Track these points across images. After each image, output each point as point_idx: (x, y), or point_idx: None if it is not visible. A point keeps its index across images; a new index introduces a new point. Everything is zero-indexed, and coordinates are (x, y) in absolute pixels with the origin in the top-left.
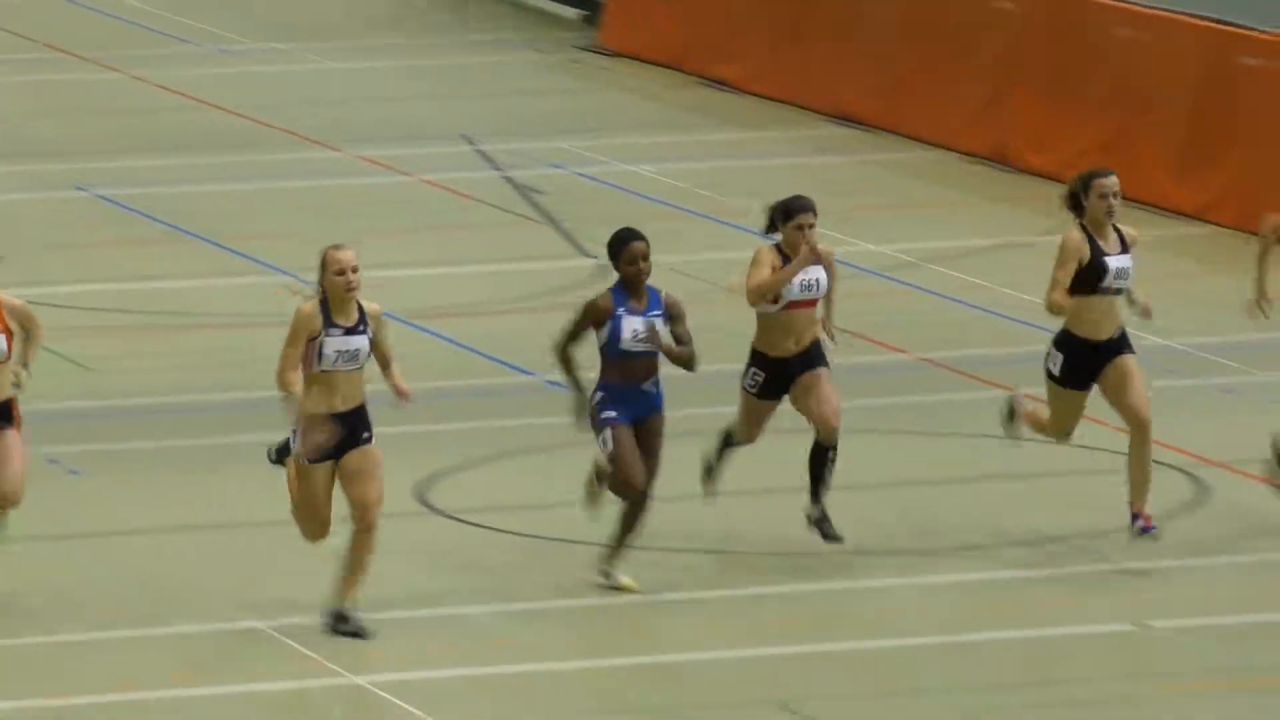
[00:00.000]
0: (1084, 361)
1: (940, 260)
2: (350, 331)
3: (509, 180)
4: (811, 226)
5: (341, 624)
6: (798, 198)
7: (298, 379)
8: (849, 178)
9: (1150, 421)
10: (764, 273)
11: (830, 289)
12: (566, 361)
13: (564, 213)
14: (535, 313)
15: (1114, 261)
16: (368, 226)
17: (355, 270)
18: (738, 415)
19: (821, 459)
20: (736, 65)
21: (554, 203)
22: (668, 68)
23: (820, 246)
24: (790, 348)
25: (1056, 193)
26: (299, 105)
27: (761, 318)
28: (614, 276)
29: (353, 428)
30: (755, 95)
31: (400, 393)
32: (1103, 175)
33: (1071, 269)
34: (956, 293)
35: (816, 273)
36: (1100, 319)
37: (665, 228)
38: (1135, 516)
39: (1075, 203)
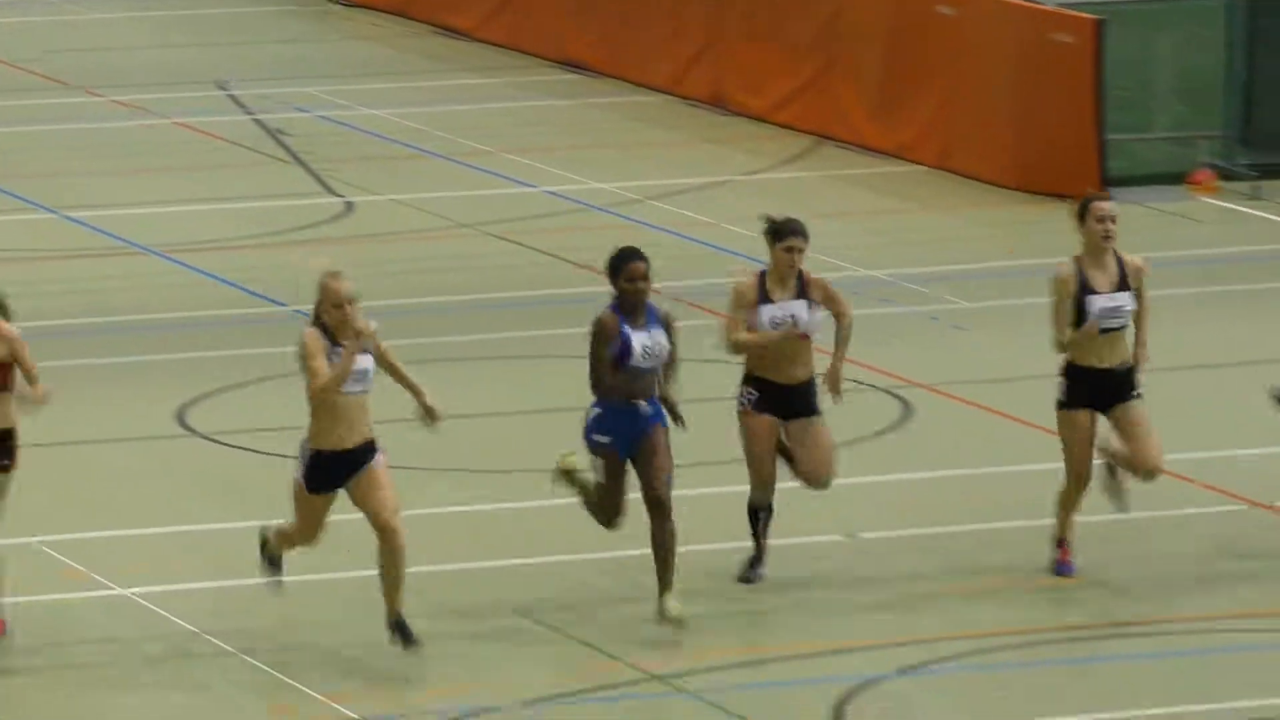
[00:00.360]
0: (1088, 387)
1: (660, 197)
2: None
3: (259, 123)
4: (801, 251)
5: (402, 633)
6: (790, 220)
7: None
8: (574, 120)
9: (1160, 469)
10: (739, 319)
11: (840, 333)
12: (602, 388)
13: (311, 153)
14: (285, 246)
15: (1101, 301)
16: (126, 166)
17: (353, 303)
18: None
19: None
20: (467, 14)
21: (301, 144)
22: (404, 17)
23: (815, 277)
24: (780, 376)
25: (766, 133)
26: (61, 53)
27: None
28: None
29: (361, 460)
30: (485, 43)
31: (430, 413)
32: (1100, 199)
33: (1068, 307)
34: (676, 227)
35: (793, 308)
36: (1100, 351)
37: (405, 167)
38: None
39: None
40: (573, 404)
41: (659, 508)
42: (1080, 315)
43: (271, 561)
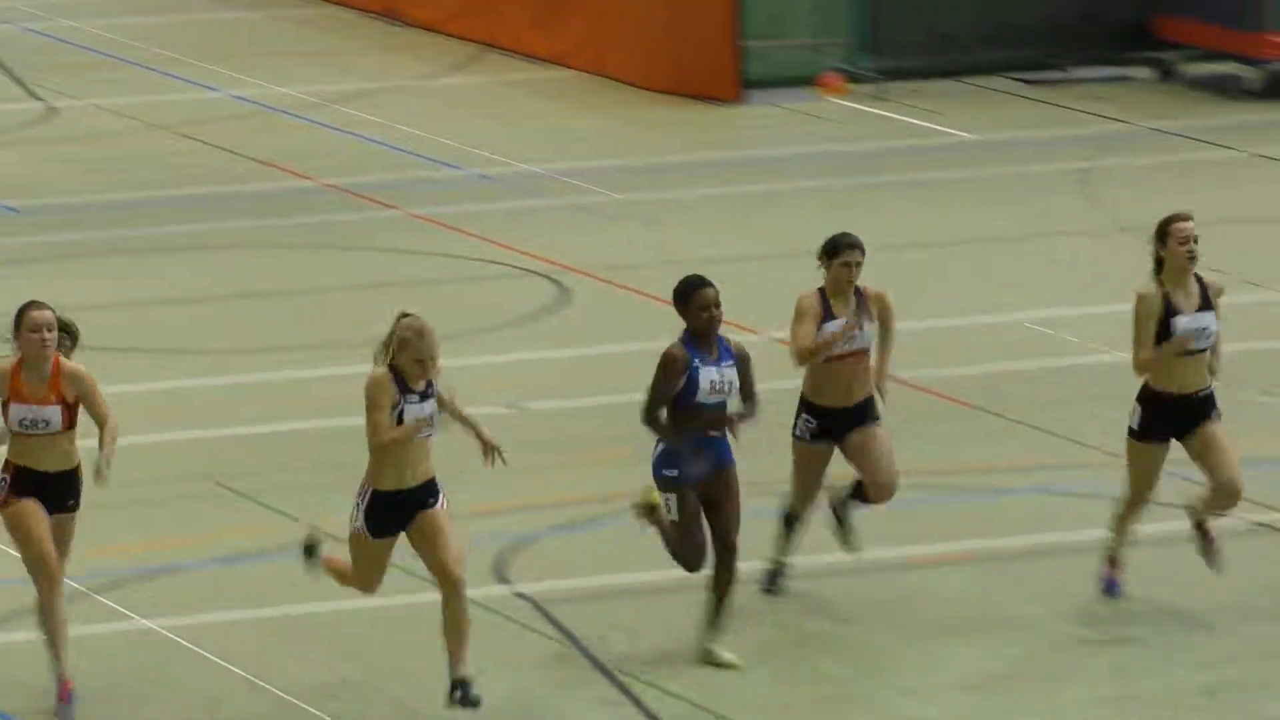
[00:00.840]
0: (1166, 415)
1: (336, 100)
2: (424, 397)
3: None
4: (859, 265)
5: (463, 691)
6: (845, 234)
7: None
8: (260, 31)
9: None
10: (808, 329)
11: (886, 340)
12: (656, 423)
13: (14, 62)
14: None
15: (1185, 321)
16: None
17: (435, 360)
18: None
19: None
20: None
21: (4, 53)
22: None
23: (874, 290)
24: (840, 399)
25: (436, 42)
26: None
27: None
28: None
29: (422, 500)
30: None
31: (487, 449)
32: (1181, 219)
33: (1151, 328)
34: (350, 127)
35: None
36: (1181, 376)
37: (103, 74)
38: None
39: (1158, 255)
40: (259, 289)
41: (727, 553)
42: (1165, 337)
43: (309, 554)
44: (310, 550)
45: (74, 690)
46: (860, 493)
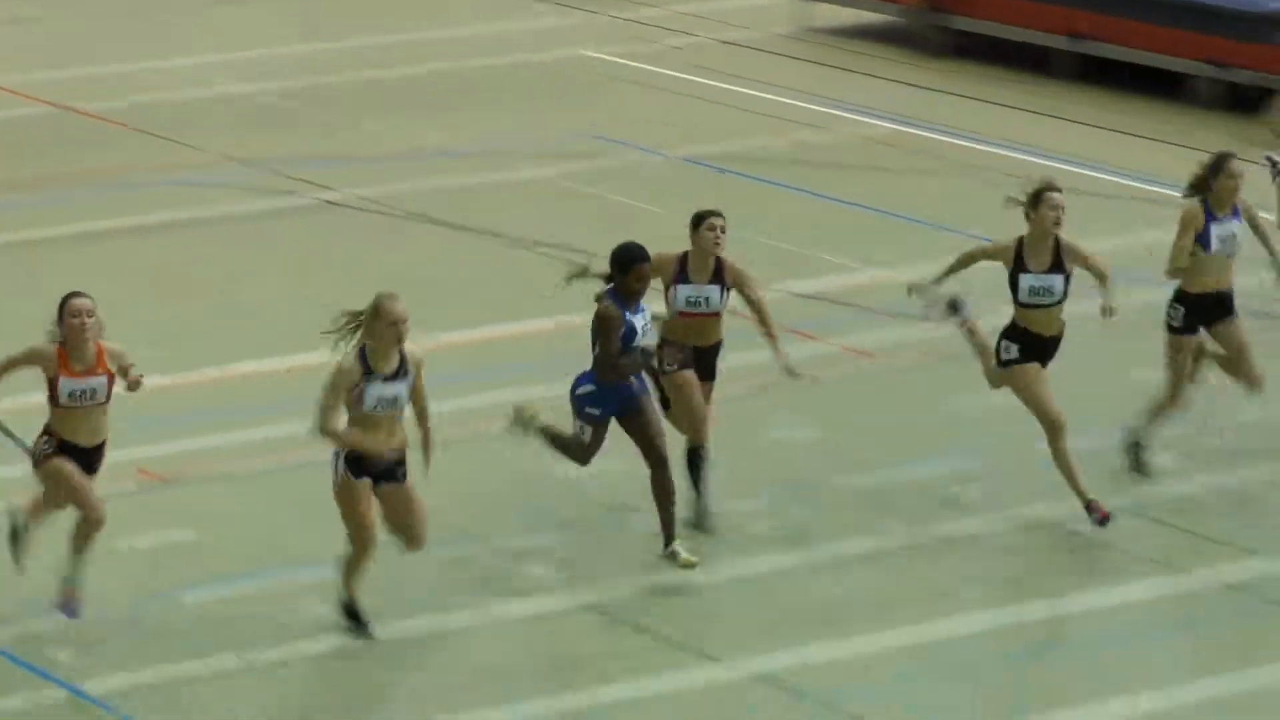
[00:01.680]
0: (1200, 311)
1: None
2: (391, 379)
3: None
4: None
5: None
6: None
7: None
8: None
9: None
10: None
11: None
12: (619, 368)
13: None
14: None
15: (1218, 229)
16: None
17: (405, 322)
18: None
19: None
20: None
21: None
22: None
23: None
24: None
25: None
26: None
27: None
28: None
29: (391, 472)
30: None
31: (427, 452)
32: (1230, 157)
33: (1189, 237)
34: None
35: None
36: (1213, 277)
37: None
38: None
39: (1203, 182)
40: None
41: (661, 464)
42: (1204, 246)
43: (351, 615)
44: (346, 608)
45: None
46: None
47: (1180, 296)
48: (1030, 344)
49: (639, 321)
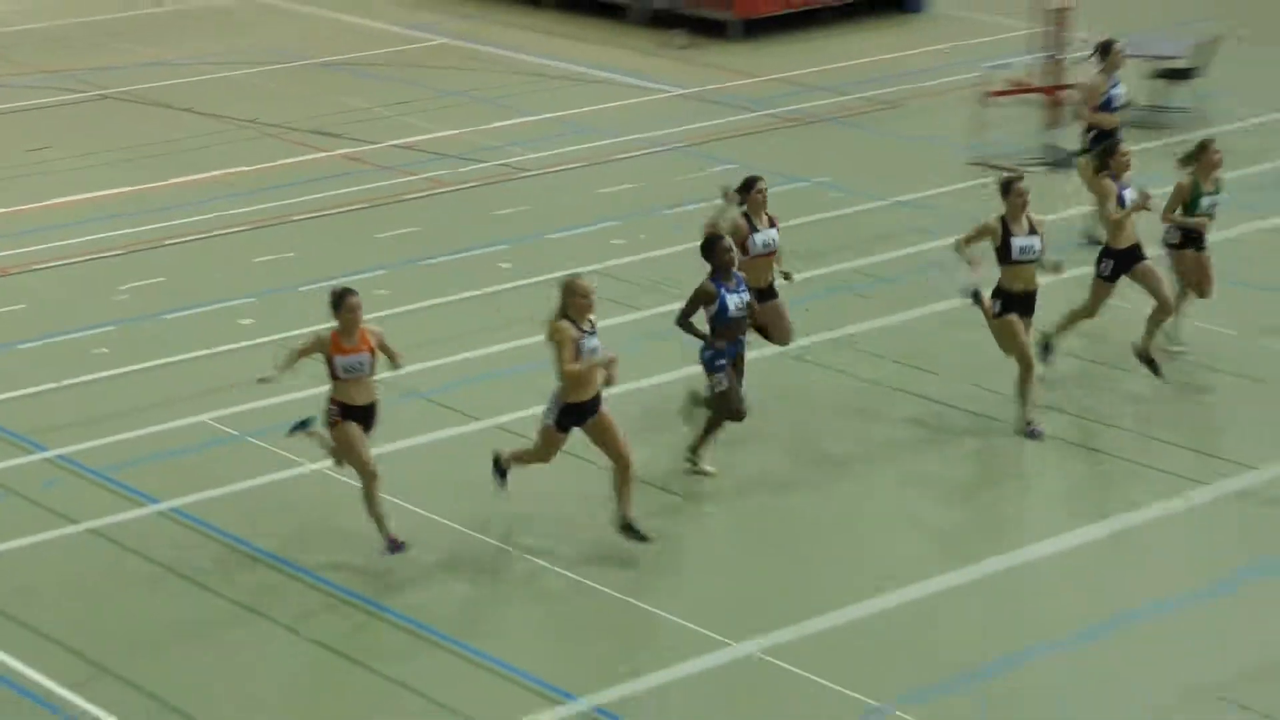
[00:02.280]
0: (1123, 262)
1: None
2: (592, 334)
3: None
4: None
5: (632, 531)
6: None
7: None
8: None
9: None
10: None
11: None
12: (689, 328)
13: None
14: None
15: (1129, 193)
16: None
17: (591, 294)
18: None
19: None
20: None
21: None
22: None
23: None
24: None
25: None
26: None
27: None
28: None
29: (595, 408)
30: None
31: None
32: (1118, 145)
33: (1113, 199)
34: None
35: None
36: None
37: None
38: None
39: (1103, 161)
40: None
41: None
42: (1122, 204)
43: (502, 474)
44: (498, 462)
45: (400, 542)
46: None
47: (1107, 251)
48: (1014, 300)
49: (733, 300)
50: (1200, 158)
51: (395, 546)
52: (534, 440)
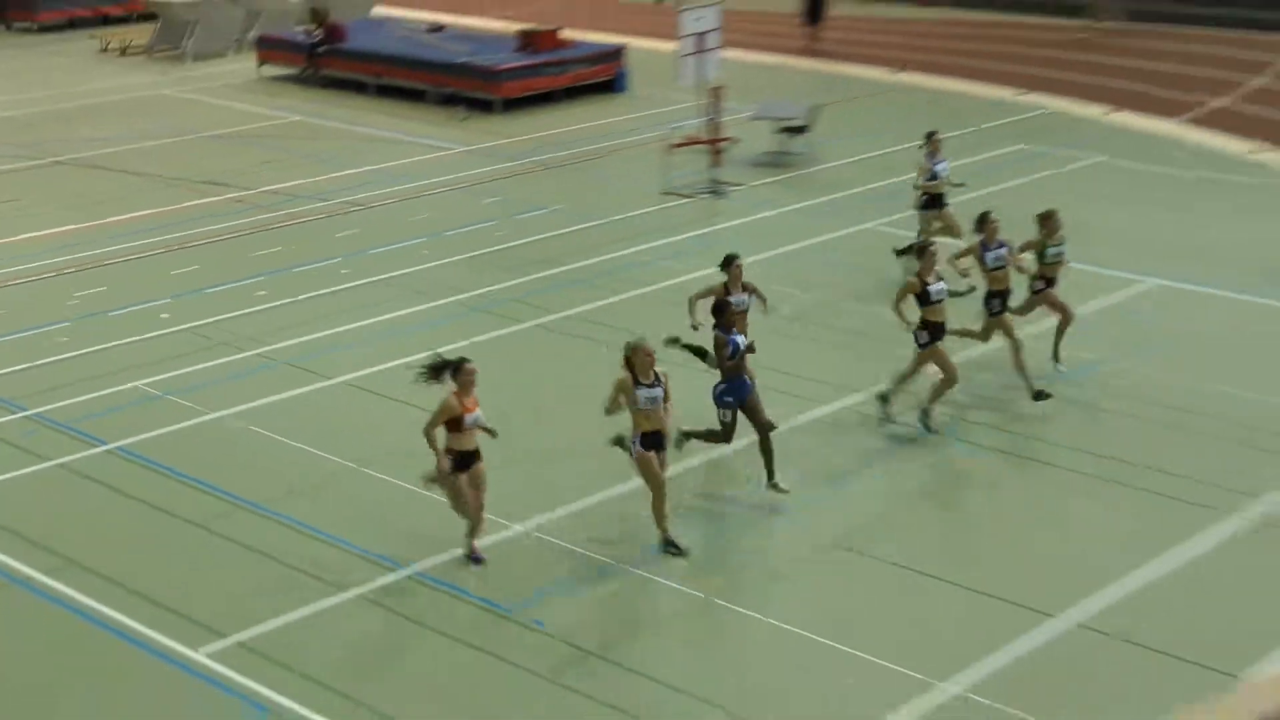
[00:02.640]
0: (936, 334)
1: None
2: (652, 386)
3: None
4: (998, 223)
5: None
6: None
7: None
8: None
9: None
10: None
11: None
12: (711, 361)
13: None
14: None
15: (937, 287)
16: None
17: (652, 354)
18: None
19: None
20: None
21: None
22: None
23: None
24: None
25: None
26: None
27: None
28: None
29: (659, 441)
30: None
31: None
32: (988, 214)
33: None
34: None
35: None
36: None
37: None
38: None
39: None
40: None
41: (766, 429)
42: (923, 297)
43: (668, 543)
44: (665, 544)
45: (482, 557)
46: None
47: (991, 293)
48: (996, 296)
49: (740, 341)
50: (1045, 223)
51: (478, 560)
52: (640, 474)
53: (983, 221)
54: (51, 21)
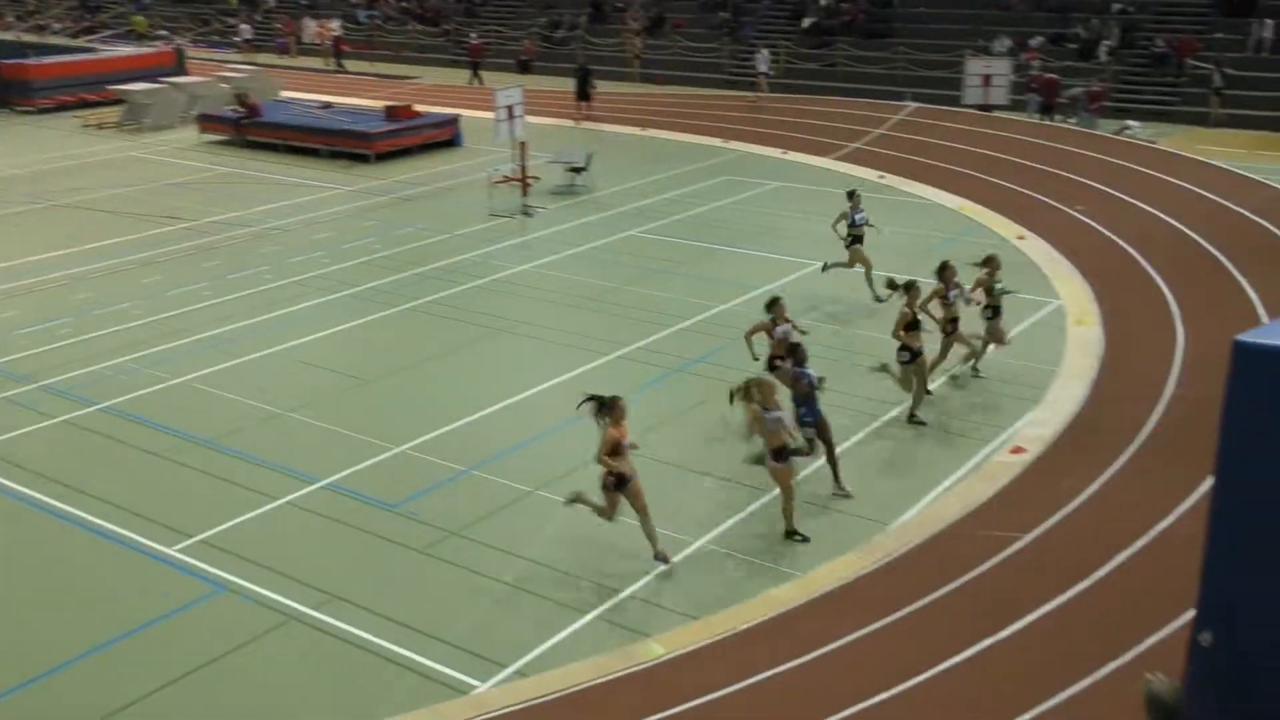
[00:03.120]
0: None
1: None
2: (775, 410)
3: None
4: (1000, 264)
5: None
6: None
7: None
8: None
9: None
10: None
11: None
12: (805, 396)
13: None
14: None
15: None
16: None
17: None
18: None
19: None
20: None
21: None
22: None
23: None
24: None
25: None
26: None
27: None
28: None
29: (792, 451)
30: None
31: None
32: (947, 264)
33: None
34: None
35: None
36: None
37: None
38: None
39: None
40: None
41: (831, 446)
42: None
43: (793, 533)
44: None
45: (668, 557)
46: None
47: (948, 319)
48: (951, 322)
49: (812, 374)
50: (989, 264)
51: (664, 559)
52: (776, 482)
53: (944, 269)
54: (45, 105)
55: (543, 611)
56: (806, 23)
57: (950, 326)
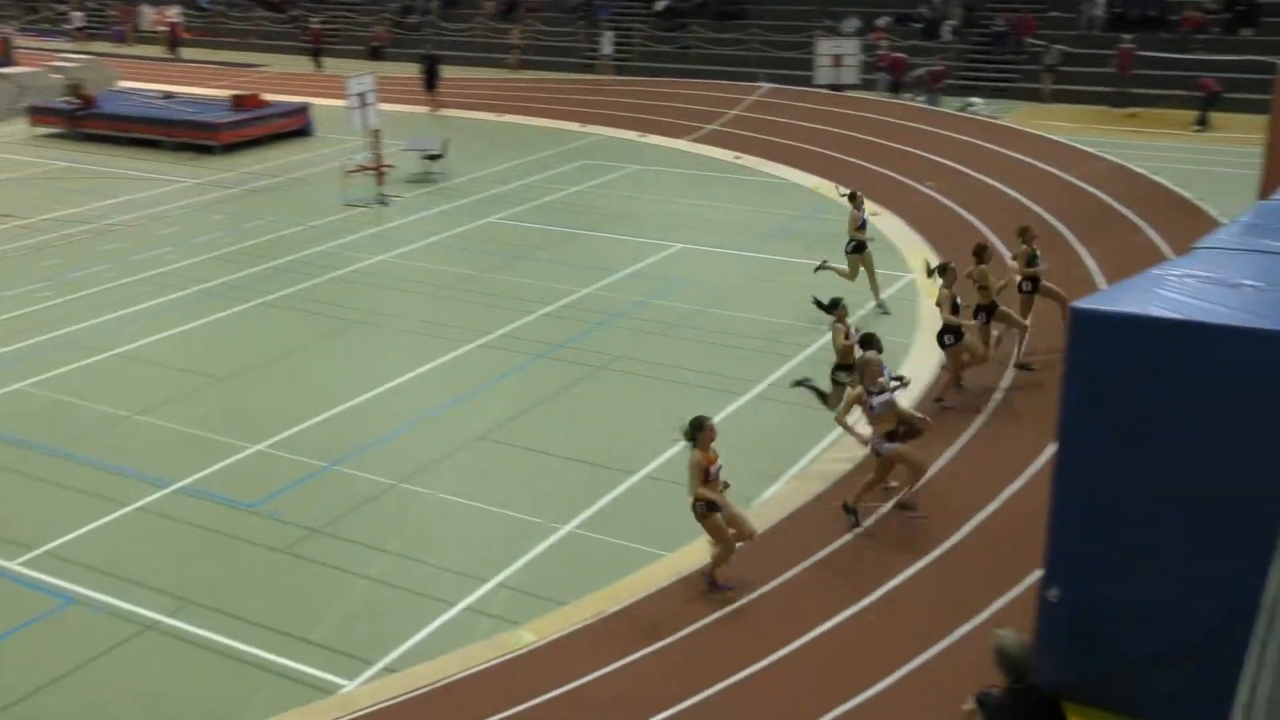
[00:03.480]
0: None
1: None
2: (879, 393)
3: None
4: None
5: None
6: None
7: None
8: None
9: None
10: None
11: None
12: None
13: None
14: None
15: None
16: None
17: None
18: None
19: None
20: None
21: None
22: None
23: None
24: None
25: None
26: None
27: None
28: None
29: (898, 433)
30: None
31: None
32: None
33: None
34: None
35: None
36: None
37: None
38: None
39: (942, 269)
40: None
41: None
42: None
43: (851, 509)
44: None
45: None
46: None
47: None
48: (982, 309)
49: (877, 400)
50: (1024, 235)
51: (726, 587)
52: (897, 461)
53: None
54: None
55: (410, 606)
56: (660, 6)
57: (982, 315)
